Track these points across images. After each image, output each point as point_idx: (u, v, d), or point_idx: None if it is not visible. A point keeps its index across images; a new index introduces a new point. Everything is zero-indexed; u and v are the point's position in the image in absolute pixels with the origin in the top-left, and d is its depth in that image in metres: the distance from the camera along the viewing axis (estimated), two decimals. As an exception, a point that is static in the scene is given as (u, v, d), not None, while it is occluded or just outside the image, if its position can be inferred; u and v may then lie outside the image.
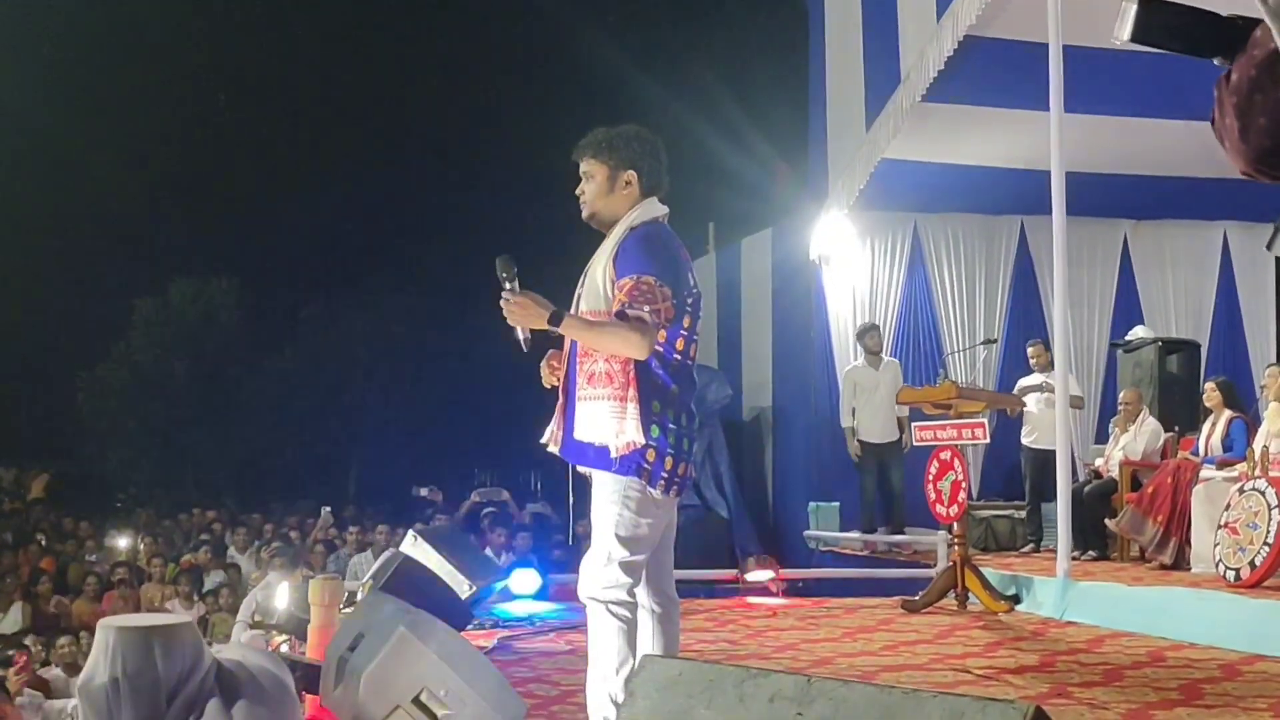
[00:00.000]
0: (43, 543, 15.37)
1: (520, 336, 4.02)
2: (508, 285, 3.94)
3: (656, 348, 4.01)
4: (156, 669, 3.50)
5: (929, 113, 10.87)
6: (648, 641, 4.16)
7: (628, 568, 4.03)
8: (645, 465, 3.99)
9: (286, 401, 25.55)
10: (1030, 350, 11.41)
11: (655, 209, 4.20)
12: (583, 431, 4.07)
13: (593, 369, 4.05)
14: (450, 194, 29.21)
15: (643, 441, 3.97)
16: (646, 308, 3.90)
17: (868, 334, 12.04)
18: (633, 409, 3.96)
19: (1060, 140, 8.12)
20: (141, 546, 15.00)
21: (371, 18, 31.05)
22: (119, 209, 28.05)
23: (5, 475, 24.33)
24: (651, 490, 4.02)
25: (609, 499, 4.05)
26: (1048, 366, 11.09)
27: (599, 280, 4.09)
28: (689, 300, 4.11)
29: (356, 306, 26.39)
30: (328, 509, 15.99)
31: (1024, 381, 11.28)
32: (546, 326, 3.92)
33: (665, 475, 4.03)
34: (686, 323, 4.10)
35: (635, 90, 24.81)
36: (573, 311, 4.09)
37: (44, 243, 27.62)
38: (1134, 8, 1.52)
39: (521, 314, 3.91)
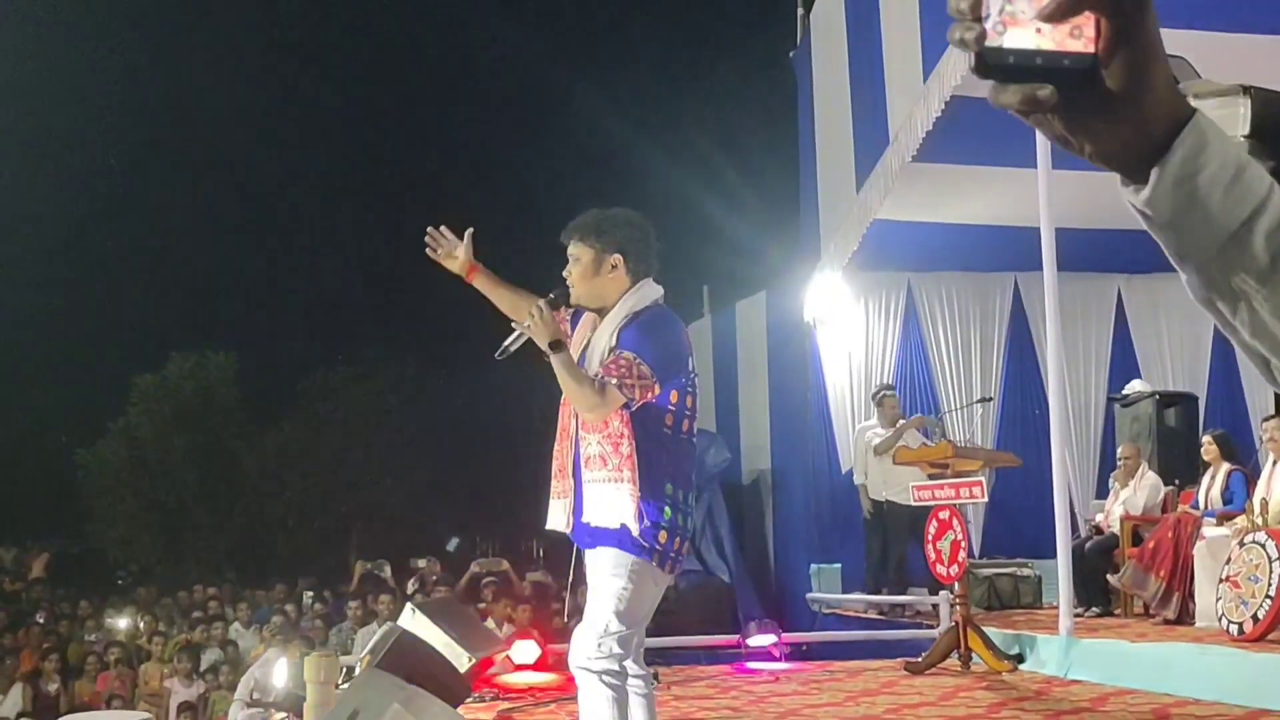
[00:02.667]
0: (43, 623, 15.27)
1: (511, 344, 4.14)
2: (551, 296, 4.12)
3: (664, 430, 4.09)
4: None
5: (919, 173, 10.91)
6: (631, 714, 4.15)
7: (622, 640, 4.03)
8: (658, 547, 4.04)
9: (285, 475, 25.49)
10: (886, 399, 11.56)
11: (653, 291, 4.26)
12: (591, 515, 4.10)
13: (588, 452, 4.11)
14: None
15: (650, 521, 4.00)
16: (614, 379, 3.95)
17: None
18: (628, 489, 3.99)
19: (1049, 197, 8.15)
20: (141, 625, 14.90)
21: (369, 92, 31.31)
22: (115, 284, 28.14)
23: (5, 555, 24.19)
24: (658, 569, 4.05)
25: (612, 571, 4.06)
26: (897, 419, 11.26)
27: (595, 361, 4.13)
28: (689, 383, 4.18)
29: (353, 379, 26.39)
30: (309, 593, 15.92)
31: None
32: (546, 347, 3.98)
33: (673, 555, 4.09)
34: (689, 403, 4.17)
35: (629, 157, 25.04)
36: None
37: (40, 320, 27.69)
38: (1247, 103, 1.29)
39: (539, 324, 3.98)
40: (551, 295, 4.14)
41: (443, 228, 4.56)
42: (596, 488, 4.09)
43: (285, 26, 29.91)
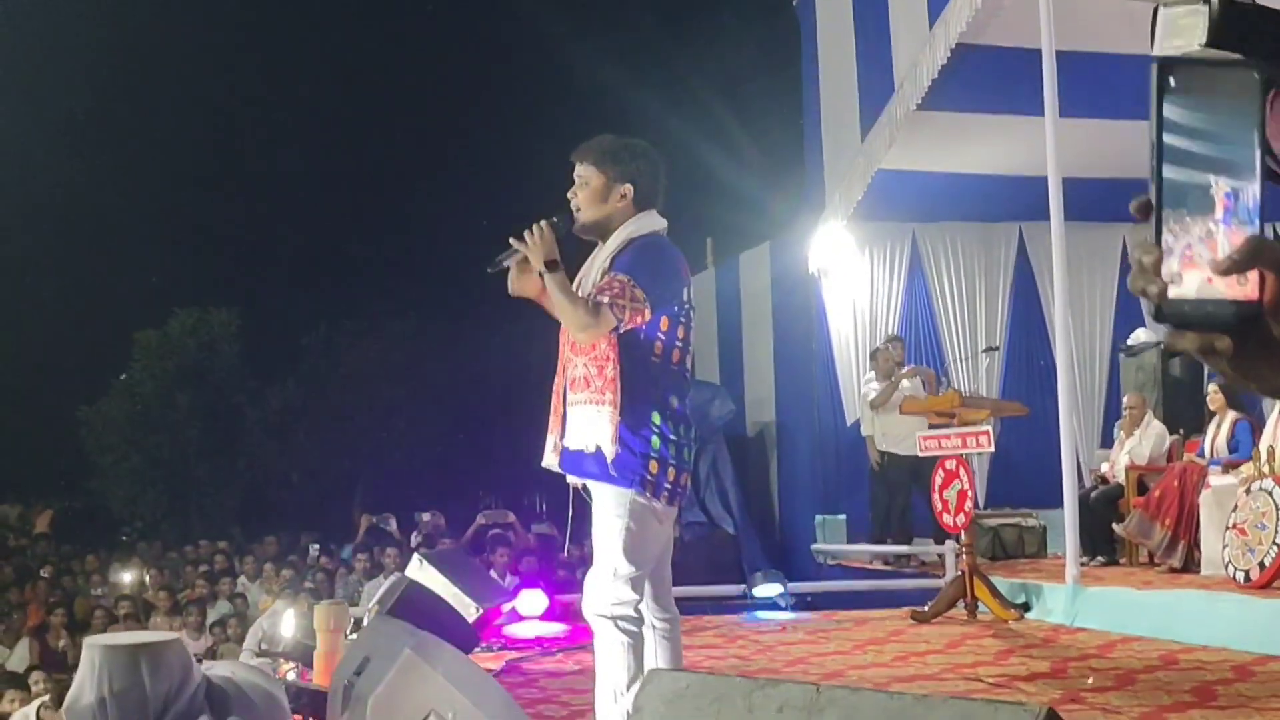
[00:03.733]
0: (47, 577, 15.32)
1: (506, 261, 4.09)
2: (554, 220, 4.04)
3: (653, 359, 4.03)
4: (144, 687, 3.46)
5: (924, 121, 10.85)
6: (651, 657, 4.13)
7: (634, 582, 4.00)
8: (649, 477, 3.97)
9: (289, 430, 25.51)
10: (879, 353, 11.48)
11: (655, 221, 4.20)
12: (571, 439, 4.07)
13: (574, 374, 4.08)
14: (448, 218, 29.25)
15: (638, 451, 3.96)
16: (607, 297, 3.92)
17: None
18: (609, 411, 3.95)
19: (1056, 146, 8.10)
20: (147, 579, 14.95)
21: (367, 44, 31.12)
22: (117, 241, 28.07)
23: (10, 512, 24.23)
24: (655, 502, 4.00)
25: (613, 512, 4.02)
26: (892, 372, 11.17)
27: (589, 284, 4.09)
28: (682, 313, 4.12)
29: (356, 334, 26.36)
30: (315, 546, 15.97)
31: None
32: (542, 266, 3.96)
33: (668, 486, 4.02)
34: (681, 334, 4.11)
35: (632, 107, 24.85)
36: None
37: (42, 278, 27.65)
38: (1206, 11, 1.25)
39: (535, 243, 3.97)
40: (555, 219, 4.07)
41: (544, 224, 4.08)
42: (579, 409, 4.06)
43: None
